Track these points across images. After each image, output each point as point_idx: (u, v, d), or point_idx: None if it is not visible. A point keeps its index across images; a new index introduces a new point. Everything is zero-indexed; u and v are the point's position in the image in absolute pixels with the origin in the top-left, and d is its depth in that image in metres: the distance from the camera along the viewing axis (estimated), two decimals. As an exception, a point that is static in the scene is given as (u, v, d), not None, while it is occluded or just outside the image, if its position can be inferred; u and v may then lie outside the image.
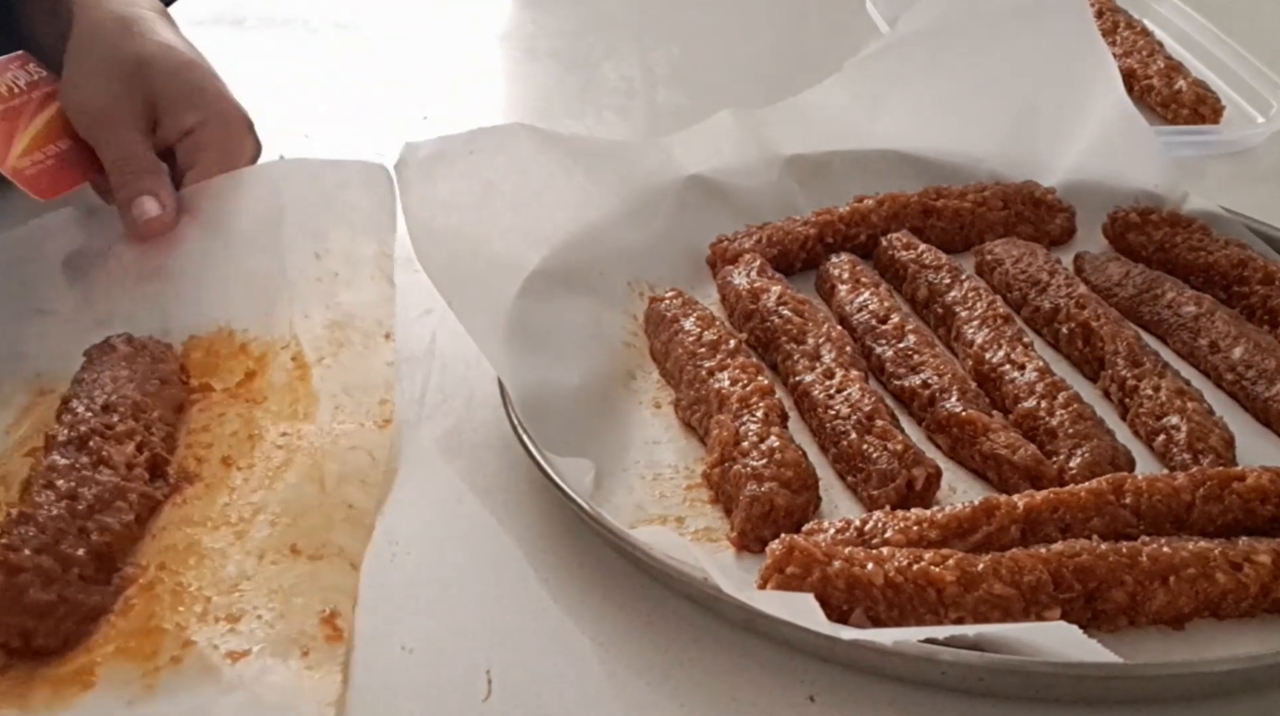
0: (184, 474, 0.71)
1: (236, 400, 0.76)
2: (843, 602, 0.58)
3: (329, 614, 0.61)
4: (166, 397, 0.75)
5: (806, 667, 0.58)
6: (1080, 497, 0.64)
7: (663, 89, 1.23)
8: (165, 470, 0.70)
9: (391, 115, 1.16)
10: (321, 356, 0.77)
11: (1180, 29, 1.24)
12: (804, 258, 0.89)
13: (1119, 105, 0.97)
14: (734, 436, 0.69)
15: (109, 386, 0.72)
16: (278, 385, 0.77)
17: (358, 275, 0.82)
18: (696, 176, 0.93)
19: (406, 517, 0.68)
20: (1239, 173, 1.05)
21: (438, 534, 0.67)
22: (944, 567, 0.59)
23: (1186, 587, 0.60)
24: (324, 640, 0.60)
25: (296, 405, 0.75)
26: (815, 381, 0.75)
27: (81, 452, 0.67)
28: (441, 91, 1.22)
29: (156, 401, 0.73)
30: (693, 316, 0.79)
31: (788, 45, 1.34)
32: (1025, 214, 0.93)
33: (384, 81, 1.23)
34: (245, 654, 0.58)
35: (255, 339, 0.80)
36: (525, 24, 1.39)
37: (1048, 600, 0.59)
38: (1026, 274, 0.85)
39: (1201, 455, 0.70)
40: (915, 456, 0.69)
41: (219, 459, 0.72)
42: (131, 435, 0.70)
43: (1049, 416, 0.72)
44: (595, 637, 0.61)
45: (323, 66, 0.94)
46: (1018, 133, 0.98)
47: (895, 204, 0.92)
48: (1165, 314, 0.82)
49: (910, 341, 0.78)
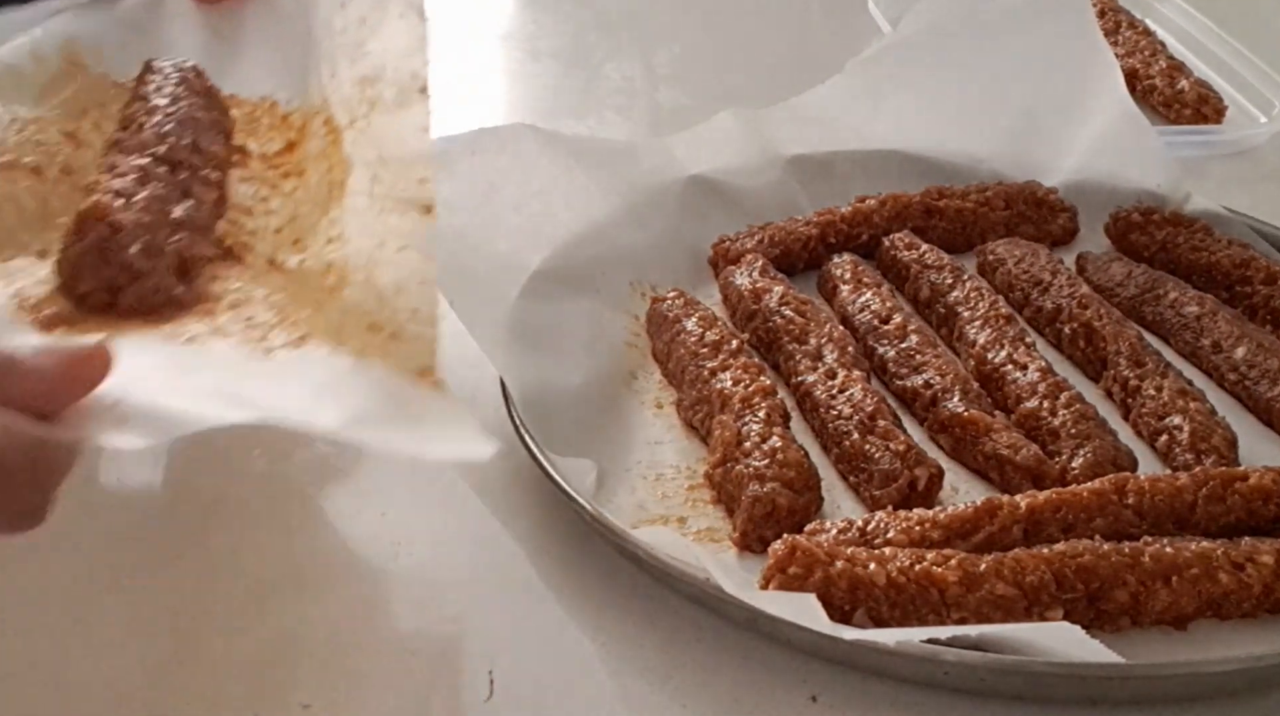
0: (229, 251, 0.66)
1: (275, 171, 0.73)
2: (845, 603, 0.58)
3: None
4: (217, 150, 0.72)
5: (809, 668, 0.58)
6: (1082, 498, 0.64)
7: (664, 89, 1.23)
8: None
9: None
10: (353, 118, 0.70)
11: (1182, 29, 1.24)
12: (806, 258, 0.89)
13: (1121, 105, 0.97)
14: (736, 436, 0.69)
15: (184, 116, 0.70)
16: (313, 154, 0.72)
17: (386, 14, 0.74)
18: (698, 177, 0.93)
19: (408, 517, 0.68)
20: (1241, 173, 1.05)
21: (440, 534, 0.67)
22: (946, 568, 0.59)
23: (1189, 588, 0.60)
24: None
25: (330, 173, 0.69)
26: (817, 381, 0.75)
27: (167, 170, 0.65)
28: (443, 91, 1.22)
29: (211, 152, 0.71)
30: (695, 316, 0.79)
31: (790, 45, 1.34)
32: (1027, 214, 0.93)
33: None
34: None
35: (297, 110, 0.76)
36: (527, 24, 1.39)
37: (1050, 600, 0.59)
38: (1029, 274, 0.85)
39: (1204, 455, 0.69)
40: (917, 456, 0.69)
41: (265, 260, 0.66)
42: (206, 182, 0.68)
43: (1051, 416, 0.72)
44: (597, 638, 0.61)
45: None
46: (1020, 133, 0.98)
47: (897, 204, 0.92)
48: (1168, 314, 0.82)
49: (912, 341, 0.78)
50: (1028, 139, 0.98)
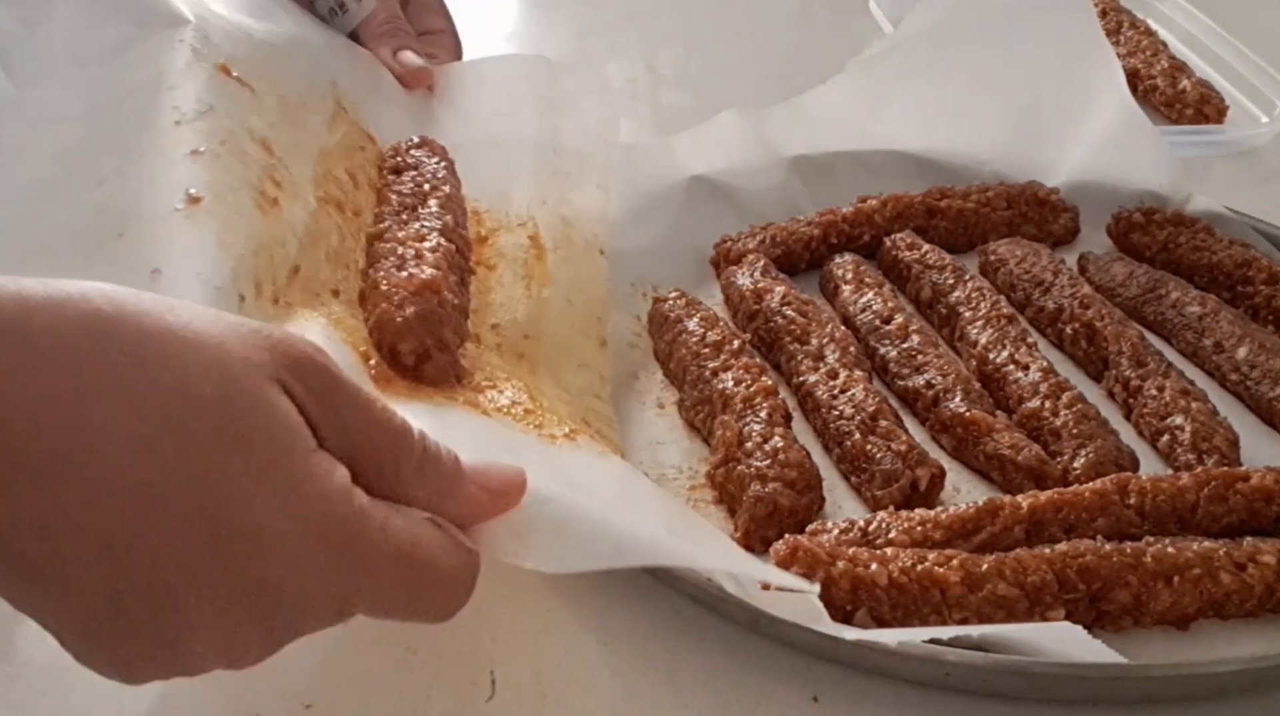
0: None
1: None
2: (846, 603, 0.58)
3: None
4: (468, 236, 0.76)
5: (810, 668, 0.58)
6: (1084, 498, 0.64)
7: (667, 90, 1.23)
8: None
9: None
10: (555, 244, 0.77)
11: (1184, 29, 1.24)
12: (808, 258, 0.89)
13: (1123, 105, 0.97)
14: (738, 437, 0.69)
15: (459, 199, 0.75)
16: (509, 255, 0.76)
17: (584, 180, 0.83)
18: (700, 177, 0.93)
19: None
20: (1243, 173, 1.05)
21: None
22: (948, 568, 0.59)
23: (1191, 588, 0.60)
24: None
25: (530, 280, 0.74)
26: (819, 382, 0.75)
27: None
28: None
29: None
30: (696, 317, 0.79)
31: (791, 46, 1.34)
32: (1029, 214, 0.93)
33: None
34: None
35: (488, 211, 0.80)
36: (530, 25, 1.39)
37: (1052, 600, 0.59)
38: (1030, 274, 0.85)
39: (1206, 455, 0.69)
40: (919, 457, 0.69)
41: (473, 337, 0.71)
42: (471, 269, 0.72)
43: (1053, 417, 0.72)
44: (600, 637, 0.61)
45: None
46: (1021, 133, 0.98)
47: (899, 204, 0.92)
48: (1169, 314, 0.82)
49: (914, 342, 0.78)
50: (1029, 139, 0.98)
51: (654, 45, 1.31)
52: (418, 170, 0.76)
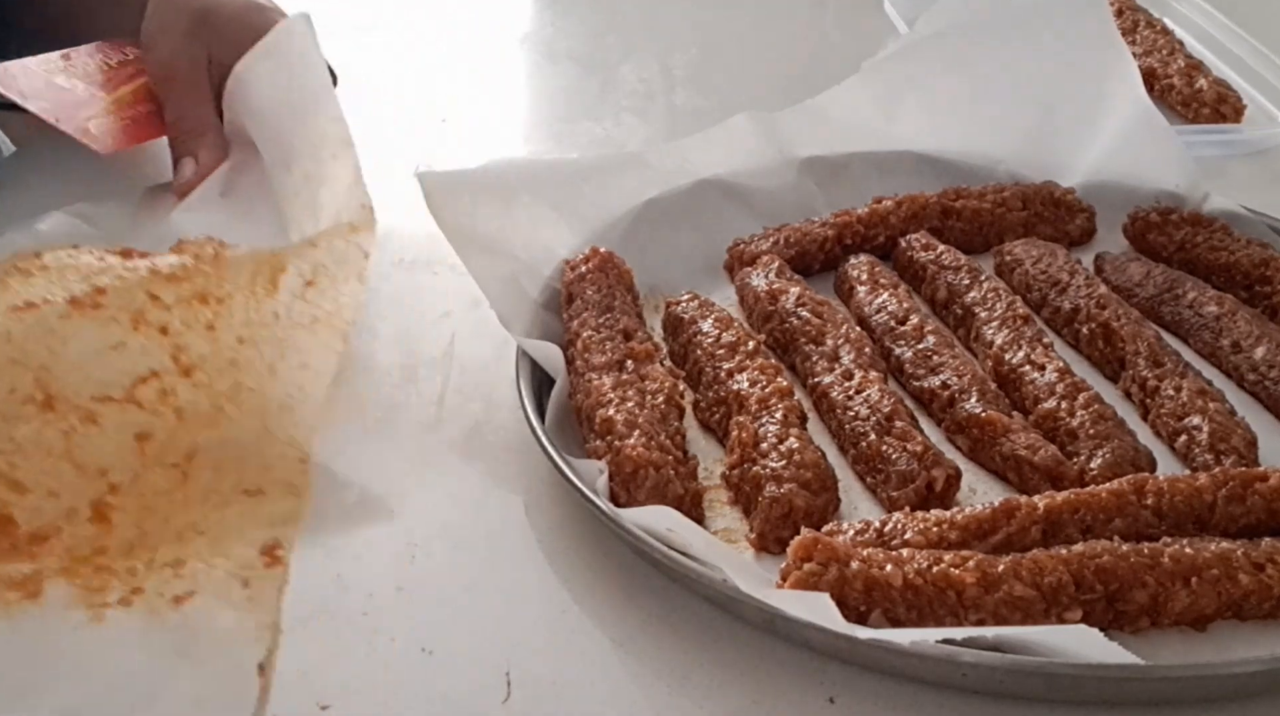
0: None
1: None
2: (860, 604, 0.58)
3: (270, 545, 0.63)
4: None
5: (826, 669, 0.58)
6: (1101, 498, 0.64)
7: (681, 91, 1.23)
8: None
9: (410, 117, 1.16)
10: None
11: (1201, 27, 1.23)
12: (822, 259, 0.89)
13: (1139, 104, 0.96)
14: (753, 437, 0.69)
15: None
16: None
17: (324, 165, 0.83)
18: (714, 179, 0.93)
19: (426, 519, 0.68)
20: (1260, 172, 1.04)
21: (457, 535, 0.67)
22: (964, 569, 0.59)
23: (1209, 588, 0.59)
24: (263, 568, 0.61)
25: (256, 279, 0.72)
26: (834, 382, 0.74)
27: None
28: (461, 93, 1.23)
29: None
30: (711, 318, 0.79)
31: (805, 47, 1.34)
32: (1045, 214, 0.93)
33: (403, 84, 1.23)
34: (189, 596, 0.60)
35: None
36: (545, 26, 1.39)
37: (1069, 601, 0.59)
38: (1046, 274, 0.85)
39: (1223, 456, 0.69)
40: (935, 457, 0.68)
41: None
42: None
43: (1069, 417, 0.71)
44: (615, 638, 0.61)
45: (342, 69, 0.95)
46: (1037, 133, 0.98)
47: (914, 205, 0.92)
48: (1186, 314, 0.82)
49: (929, 342, 0.78)
50: (1045, 139, 0.98)
51: (668, 47, 1.31)
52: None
